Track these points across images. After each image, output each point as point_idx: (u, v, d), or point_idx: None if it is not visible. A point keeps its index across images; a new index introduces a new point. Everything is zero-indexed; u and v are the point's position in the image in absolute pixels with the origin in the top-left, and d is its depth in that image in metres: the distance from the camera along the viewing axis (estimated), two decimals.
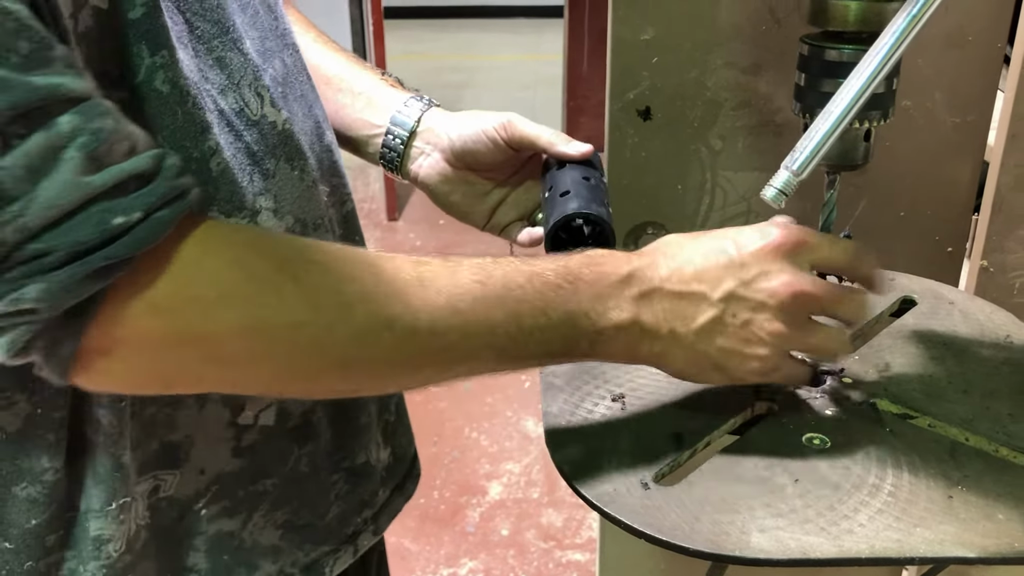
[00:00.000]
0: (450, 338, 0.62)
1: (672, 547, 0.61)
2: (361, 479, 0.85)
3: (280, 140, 0.71)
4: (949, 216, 1.14)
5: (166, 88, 0.61)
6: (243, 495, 0.75)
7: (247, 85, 0.68)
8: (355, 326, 0.60)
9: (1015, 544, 0.61)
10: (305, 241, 0.64)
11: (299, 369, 0.60)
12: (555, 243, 0.80)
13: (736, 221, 1.14)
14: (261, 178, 0.69)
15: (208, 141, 0.64)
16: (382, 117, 0.91)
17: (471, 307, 0.62)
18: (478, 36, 7.55)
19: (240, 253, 0.58)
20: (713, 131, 1.10)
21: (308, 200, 0.74)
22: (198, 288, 0.56)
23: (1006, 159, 1.07)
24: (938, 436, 0.73)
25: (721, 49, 1.05)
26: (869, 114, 0.69)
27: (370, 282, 0.60)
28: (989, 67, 1.07)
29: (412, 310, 0.60)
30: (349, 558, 0.85)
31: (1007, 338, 0.85)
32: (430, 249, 3.89)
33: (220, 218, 0.62)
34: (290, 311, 0.58)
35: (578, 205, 0.79)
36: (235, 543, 0.76)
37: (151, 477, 0.71)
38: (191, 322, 0.56)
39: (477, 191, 0.91)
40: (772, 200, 0.62)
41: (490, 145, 0.86)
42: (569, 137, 0.86)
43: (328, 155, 0.80)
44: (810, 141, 0.60)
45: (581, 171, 0.84)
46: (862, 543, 0.62)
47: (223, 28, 0.66)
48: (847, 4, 0.67)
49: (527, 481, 2.57)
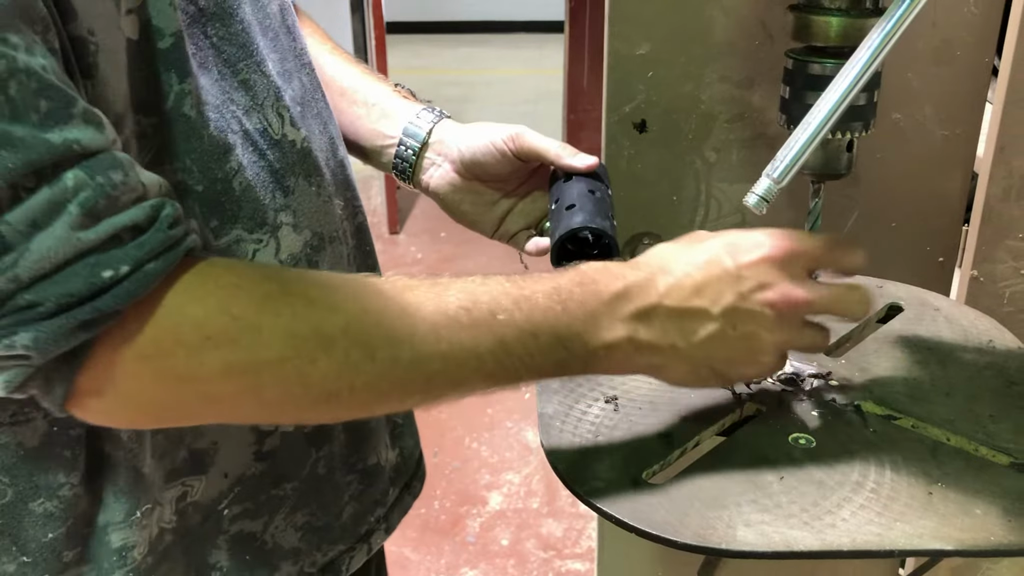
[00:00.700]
0: (434, 367, 0.62)
1: (661, 540, 0.64)
2: (373, 479, 0.87)
3: (299, 158, 0.74)
4: (940, 227, 1.16)
5: (193, 113, 0.64)
6: (265, 498, 0.78)
7: (270, 106, 0.71)
8: (337, 359, 0.60)
9: (991, 537, 0.63)
10: (291, 274, 0.65)
11: (286, 402, 0.61)
12: (560, 256, 0.82)
13: None
14: (282, 195, 0.72)
15: (231, 161, 0.67)
16: (395, 128, 0.93)
17: (456, 335, 0.62)
18: (480, 51, 7.59)
19: (223, 297, 0.58)
20: (707, 144, 1.12)
21: (325, 214, 0.77)
22: (183, 334, 0.57)
23: (994, 171, 1.08)
24: (920, 436, 0.75)
25: (715, 64, 1.07)
26: (851, 125, 0.72)
27: (354, 312, 0.61)
28: (977, 81, 1.09)
29: (395, 341, 0.61)
30: (363, 556, 0.88)
31: (990, 343, 0.88)
32: (431, 262, 3.91)
33: (212, 257, 0.62)
34: (271, 349, 0.58)
35: (583, 219, 0.80)
36: (257, 544, 0.79)
37: (179, 484, 0.73)
38: (177, 366, 0.57)
39: (486, 200, 0.93)
40: (754, 206, 0.65)
41: (499, 156, 0.88)
42: (576, 149, 0.87)
43: (342, 170, 0.83)
44: (790, 150, 0.63)
45: (587, 184, 0.85)
46: (844, 537, 0.64)
47: (248, 51, 0.69)
48: (828, 20, 0.70)
49: (527, 491, 2.59)
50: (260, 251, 0.71)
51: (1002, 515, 0.65)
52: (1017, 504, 0.66)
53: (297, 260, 0.74)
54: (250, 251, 0.70)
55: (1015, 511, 0.66)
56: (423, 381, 0.63)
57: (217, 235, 0.68)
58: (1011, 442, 0.73)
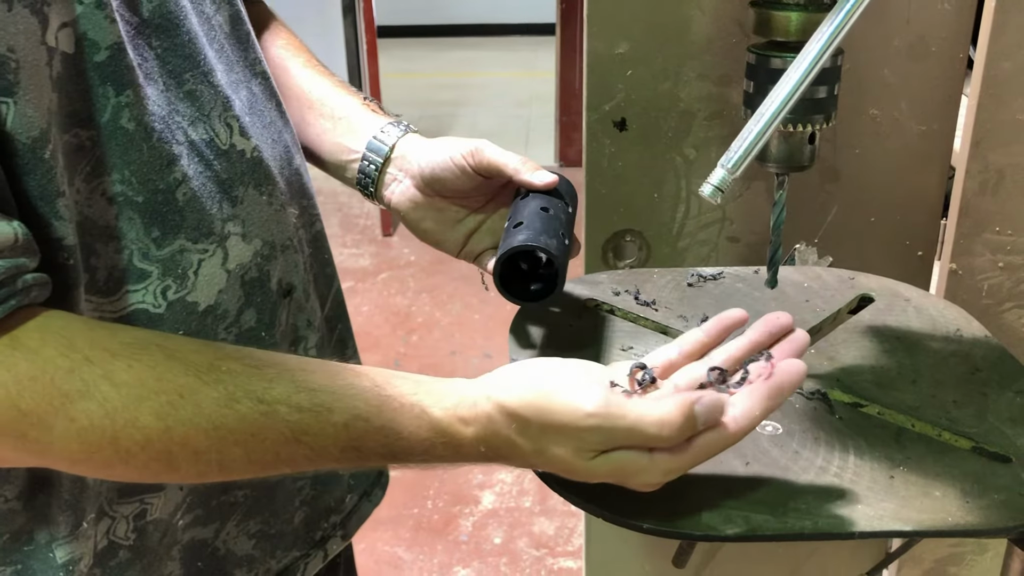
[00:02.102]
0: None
1: (627, 524, 0.65)
2: (327, 486, 0.88)
3: (249, 167, 0.74)
4: (918, 221, 1.17)
5: (131, 125, 0.64)
6: (215, 504, 0.78)
7: (217, 116, 0.71)
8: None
9: (948, 518, 0.65)
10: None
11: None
12: (505, 277, 0.79)
13: (712, 228, 1.17)
14: (230, 205, 0.72)
15: (174, 172, 0.68)
16: (359, 143, 0.91)
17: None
18: (473, 54, 7.61)
19: (12, 390, 0.56)
20: (687, 141, 1.12)
21: (277, 223, 0.77)
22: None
23: (971, 165, 1.09)
24: (885, 423, 0.76)
25: (693, 62, 1.08)
26: (812, 118, 0.73)
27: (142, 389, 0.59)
28: (952, 76, 1.11)
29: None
30: (319, 563, 0.88)
31: (957, 332, 0.89)
32: (424, 263, 3.93)
33: (46, 313, 0.60)
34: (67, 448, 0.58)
35: (525, 238, 0.77)
36: (208, 551, 0.79)
37: (137, 501, 0.73)
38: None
39: (449, 218, 0.89)
40: (709, 196, 0.66)
41: (457, 172, 0.85)
42: (537, 166, 0.85)
43: (297, 178, 0.83)
44: (743, 141, 0.64)
45: (543, 201, 0.82)
46: (806, 519, 0.65)
47: (194, 62, 0.70)
48: (788, 15, 0.72)
49: (519, 490, 2.60)
50: (206, 261, 0.71)
51: (960, 497, 0.67)
52: (975, 486, 0.68)
53: (247, 269, 0.74)
54: (195, 261, 0.70)
55: (973, 493, 0.67)
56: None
57: (159, 245, 0.68)
58: (973, 427, 0.75)
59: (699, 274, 1.00)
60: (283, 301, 0.79)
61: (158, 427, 0.58)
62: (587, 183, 1.13)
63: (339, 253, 4.13)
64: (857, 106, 1.10)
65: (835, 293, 0.97)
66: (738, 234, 1.16)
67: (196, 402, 0.59)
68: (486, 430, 0.63)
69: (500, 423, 0.62)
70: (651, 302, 0.95)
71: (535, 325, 0.90)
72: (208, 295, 0.72)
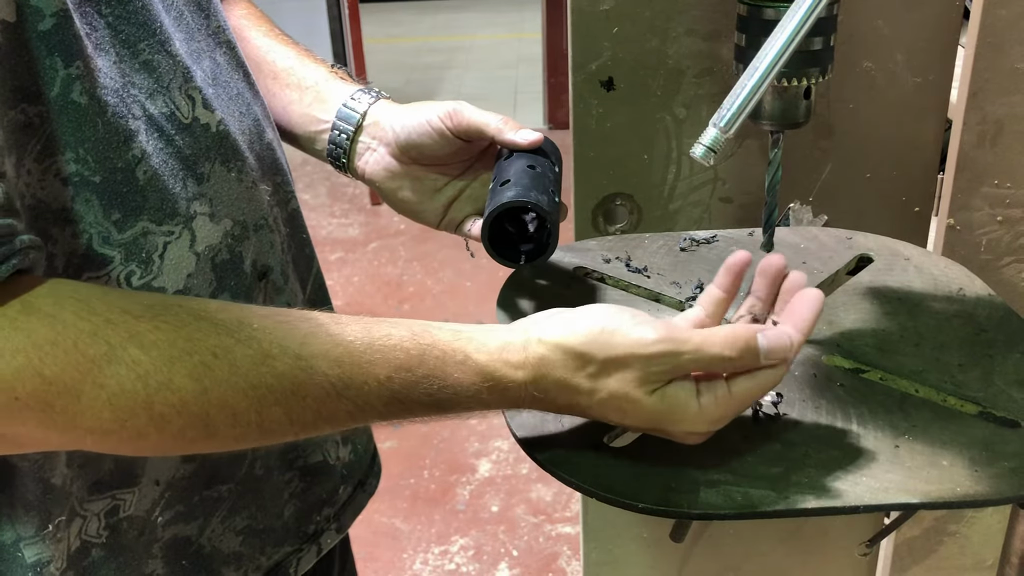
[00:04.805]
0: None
1: (622, 504, 0.63)
2: (317, 477, 0.84)
3: (215, 142, 0.69)
4: (915, 176, 1.14)
5: (84, 99, 0.60)
6: (197, 500, 0.75)
7: (177, 88, 0.67)
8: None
9: (957, 488, 0.62)
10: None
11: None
12: (494, 237, 0.77)
13: (704, 189, 1.15)
14: (195, 183, 0.68)
15: (132, 149, 0.63)
16: (329, 112, 0.86)
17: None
18: (458, 17, 7.52)
19: (33, 357, 0.53)
20: (677, 100, 1.10)
21: (248, 201, 0.73)
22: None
23: (968, 117, 1.07)
24: (888, 389, 0.74)
25: (681, 17, 1.05)
26: (807, 71, 0.70)
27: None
28: (948, 26, 1.08)
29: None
30: (313, 557, 0.85)
31: (959, 291, 0.86)
32: (414, 232, 3.90)
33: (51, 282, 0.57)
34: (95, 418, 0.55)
35: (515, 194, 0.74)
36: (193, 548, 0.76)
37: (108, 497, 0.70)
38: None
39: (427, 187, 0.85)
40: (701, 157, 0.63)
41: (435, 136, 0.82)
42: (519, 125, 0.82)
43: (269, 153, 0.78)
44: (736, 98, 0.61)
45: (528, 159, 0.80)
46: (808, 494, 0.63)
47: (149, 30, 0.65)
48: None
49: (516, 458, 2.59)
50: (172, 244, 0.67)
51: (968, 465, 0.64)
52: (984, 453, 0.65)
53: (217, 251, 0.70)
54: (160, 244, 0.66)
55: (982, 461, 0.65)
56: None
57: (120, 229, 0.64)
58: (979, 391, 0.72)
59: (692, 238, 0.97)
60: (259, 284, 0.75)
61: (194, 389, 0.56)
62: (575, 146, 1.10)
63: (328, 223, 4.09)
64: (850, 58, 1.07)
65: (833, 254, 0.94)
66: (731, 194, 1.13)
67: (231, 361, 0.56)
68: (537, 372, 0.62)
69: (555, 364, 0.62)
70: (643, 269, 0.92)
71: (523, 297, 0.87)
72: (176, 280, 0.68)
